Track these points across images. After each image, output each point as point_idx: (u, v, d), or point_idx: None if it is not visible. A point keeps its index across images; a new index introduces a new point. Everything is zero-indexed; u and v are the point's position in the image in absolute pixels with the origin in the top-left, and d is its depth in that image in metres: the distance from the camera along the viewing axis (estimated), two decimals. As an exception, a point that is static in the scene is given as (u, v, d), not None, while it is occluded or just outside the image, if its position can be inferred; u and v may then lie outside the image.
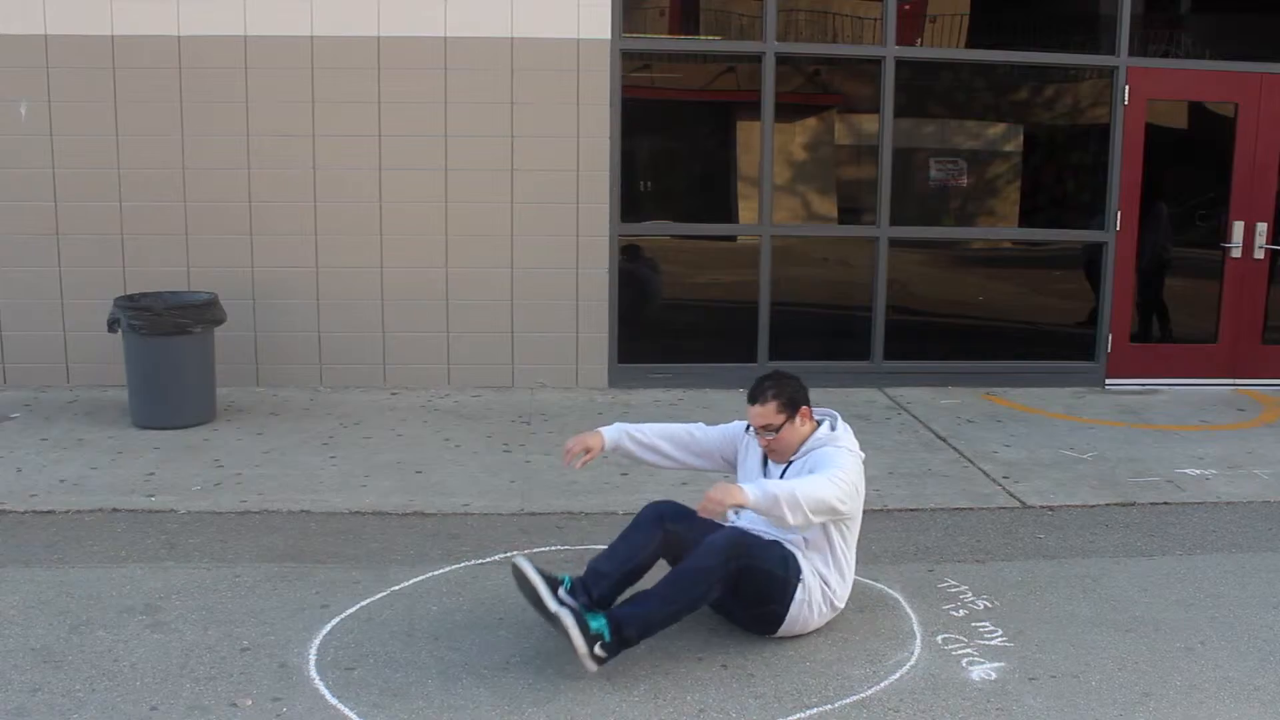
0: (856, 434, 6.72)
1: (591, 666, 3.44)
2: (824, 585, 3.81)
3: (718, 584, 3.57)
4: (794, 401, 3.83)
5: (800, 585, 3.76)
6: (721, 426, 4.12)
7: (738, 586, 3.63)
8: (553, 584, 3.60)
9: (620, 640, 3.48)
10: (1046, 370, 8.15)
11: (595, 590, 3.65)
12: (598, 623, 3.45)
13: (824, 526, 3.77)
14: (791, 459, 3.87)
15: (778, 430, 3.83)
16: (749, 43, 7.77)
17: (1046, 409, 7.37)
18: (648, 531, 3.78)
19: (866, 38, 7.98)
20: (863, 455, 3.93)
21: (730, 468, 4.13)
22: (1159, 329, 8.51)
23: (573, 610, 3.46)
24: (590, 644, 3.42)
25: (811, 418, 3.92)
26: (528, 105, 7.40)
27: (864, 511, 5.21)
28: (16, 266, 7.31)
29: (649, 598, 3.56)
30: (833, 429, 3.92)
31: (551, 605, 3.47)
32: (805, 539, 3.79)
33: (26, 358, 7.40)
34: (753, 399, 3.87)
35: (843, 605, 3.92)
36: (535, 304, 7.60)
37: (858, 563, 4.55)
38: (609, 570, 3.71)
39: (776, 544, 3.75)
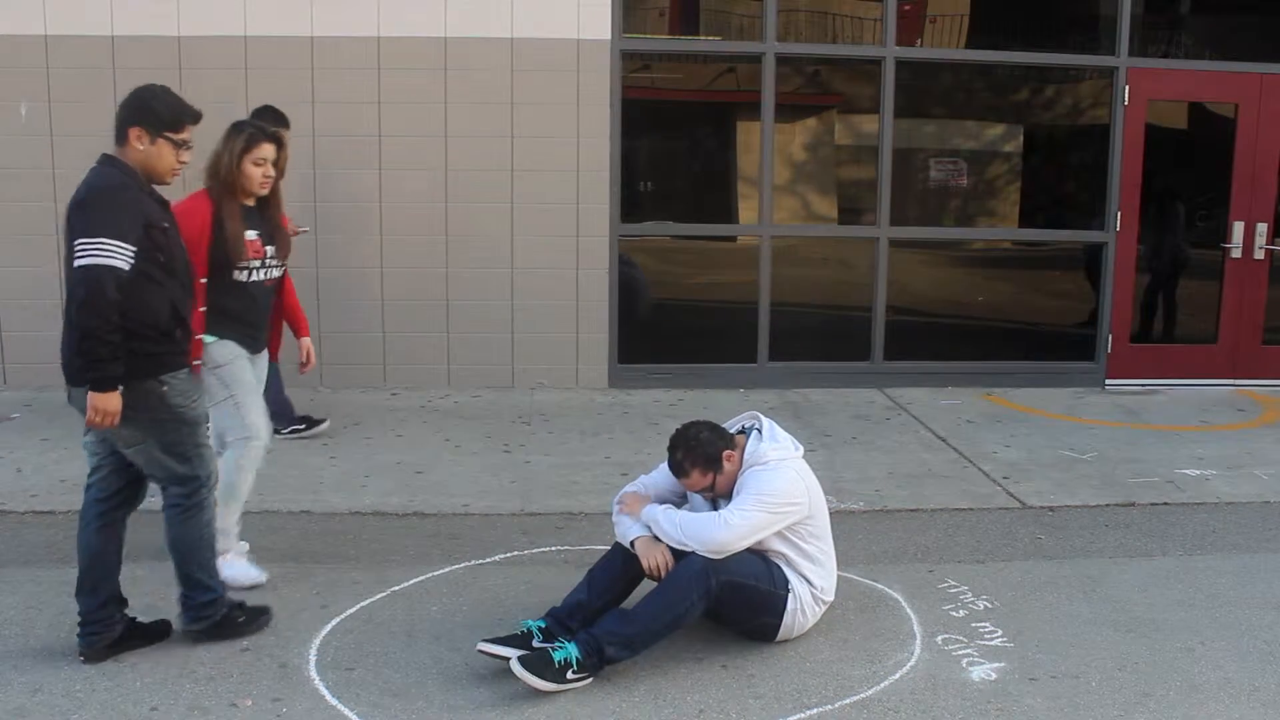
0: (856, 434, 6.72)
1: (572, 688, 3.45)
2: (811, 587, 3.80)
3: (699, 601, 3.56)
4: (711, 458, 3.76)
5: (790, 595, 3.75)
6: (660, 468, 3.98)
7: (724, 601, 3.62)
8: (524, 641, 3.58)
9: (601, 660, 3.48)
10: (1046, 370, 8.15)
11: (573, 623, 3.65)
12: (561, 653, 3.44)
13: (781, 538, 3.74)
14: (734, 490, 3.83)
15: (713, 486, 3.81)
16: (749, 43, 7.77)
17: (1046, 409, 7.37)
18: (626, 559, 3.76)
19: (866, 38, 7.98)
20: (800, 450, 3.87)
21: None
22: (1167, 329, 8.51)
23: (529, 658, 3.44)
24: (558, 678, 3.42)
25: (735, 448, 3.81)
26: (528, 105, 7.40)
27: (865, 511, 5.26)
28: (16, 266, 7.31)
29: (631, 617, 3.55)
30: (759, 441, 3.83)
31: (515, 668, 3.42)
32: (779, 550, 3.77)
33: (26, 358, 7.40)
34: (677, 474, 3.81)
35: (833, 597, 3.91)
36: (535, 304, 7.60)
37: (858, 562, 4.56)
38: (588, 600, 3.70)
39: (758, 558, 3.72)
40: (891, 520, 5.18)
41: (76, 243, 3.37)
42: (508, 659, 3.46)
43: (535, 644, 3.56)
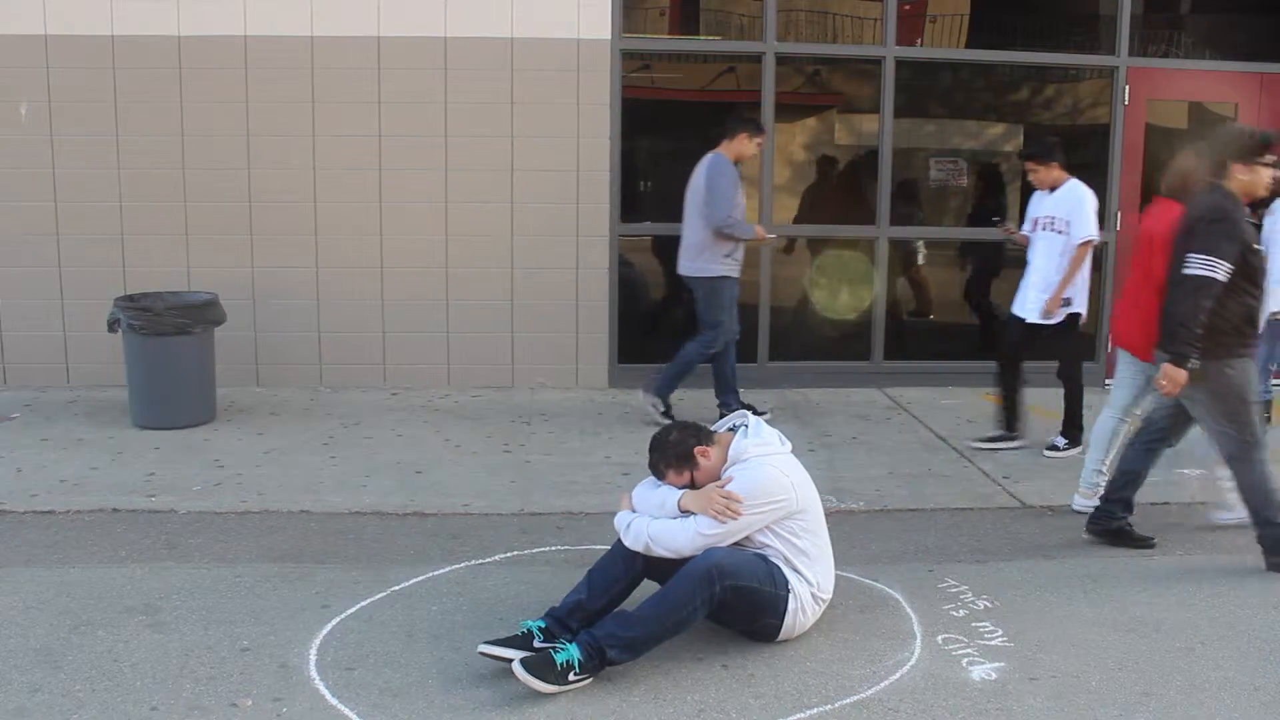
0: (856, 434, 6.70)
1: (573, 689, 3.45)
2: (809, 585, 3.80)
3: (703, 606, 3.56)
4: (685, 456, 3.79)
5: (790, 595, 3.74)
6: (647, 480, 3.98)
7: (726, 606, 3.62)
8: (525, 641, 3.59)
9: (603, 661, 3.48)
10: (1047, 370, 8.12)
11: (573, 623, 3.65)
12: (563, 655, 3.44)
13: (775, 535, 3.75)
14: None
15: (693, 482, 3.83)
16: (749, 43, 7.77)
17: (1046, 408, 7.37)
18: (626, 559, 3.76)
19: (866, 38, 7.98)
20: (786, 447, 3.88)
21: None
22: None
23: (532, 660, 3.44)
24: (560, 680, 3.41)
25: (716, 444, 3.84)
26: (528, 105, 7.40)
27: (865, 511, 5.26)
28: (16, 266, 7.31)
29: (634, 620, 3.54)
30: (744, 438, 3.83)
31: (517, 670, 3.41)
32: (773, 547, 3.77)
33: (26, 358, 7.40)
34: (656, 476, 3.87)
35: (830, 595, 3.91)
36: (535, 304, 7.60)
37: (858, 562, 4.57)
38: (586, 600, 3.70)
39: (759, 559, 3.72)
40: (891, 520, 5.18)
41: (1189, 255, 4.34)
42: (510, 660, 3.47)
43: (536, 644, 3.56)
